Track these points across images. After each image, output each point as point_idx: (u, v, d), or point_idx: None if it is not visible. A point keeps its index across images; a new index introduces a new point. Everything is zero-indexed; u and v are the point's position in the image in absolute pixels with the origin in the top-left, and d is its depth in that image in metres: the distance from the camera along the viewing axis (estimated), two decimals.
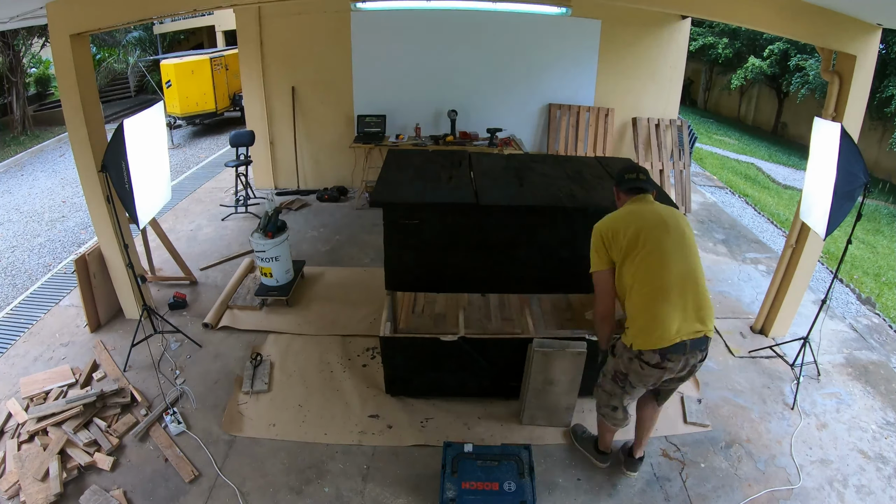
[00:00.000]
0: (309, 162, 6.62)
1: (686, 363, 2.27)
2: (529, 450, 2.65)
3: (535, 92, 6.34)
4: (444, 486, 2.46)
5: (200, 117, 10.32)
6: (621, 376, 2.41)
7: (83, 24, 3.20)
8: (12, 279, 5.15)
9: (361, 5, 4.23)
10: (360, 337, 3.85)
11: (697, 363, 2.31)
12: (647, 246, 2.23)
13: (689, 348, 2.21)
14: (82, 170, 3.50)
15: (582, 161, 3.83)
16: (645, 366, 2.27)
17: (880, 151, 11.40)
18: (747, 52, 14.28)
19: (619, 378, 2.43)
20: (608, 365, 2.50)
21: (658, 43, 6.18)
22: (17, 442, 2.87)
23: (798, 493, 2.74)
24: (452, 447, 2.64)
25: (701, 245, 5.49)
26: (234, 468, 2.81)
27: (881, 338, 4.13)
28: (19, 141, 9.96)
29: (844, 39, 3.14)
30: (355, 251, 5.18)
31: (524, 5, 4.80)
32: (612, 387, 2.49)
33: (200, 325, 3.95)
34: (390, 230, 3.00)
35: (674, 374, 2.32)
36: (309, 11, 5.88)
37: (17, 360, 3.60)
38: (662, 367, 2.25)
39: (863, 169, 2.86)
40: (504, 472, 2.51)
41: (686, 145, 6.36)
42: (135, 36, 12.73)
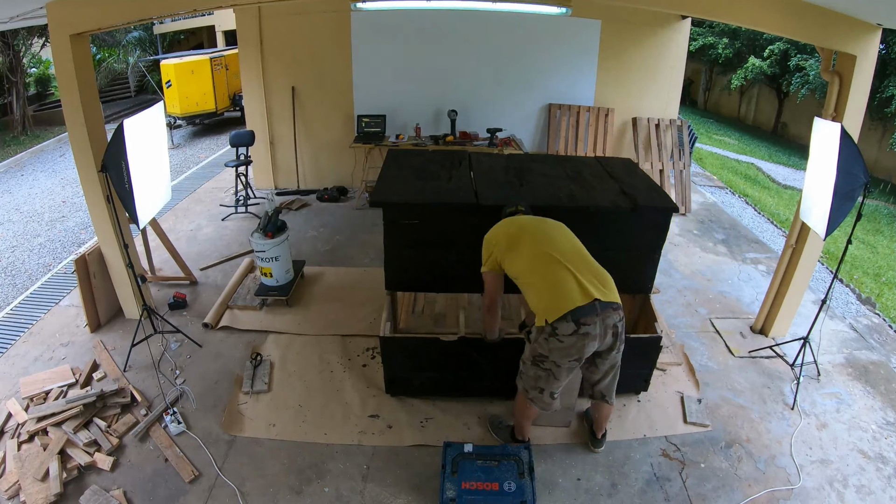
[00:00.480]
0: (309, 162, 6.62)
1: (604, 324, 2.30)
2: (529, 449, 2.65)
3: (535, 92, 6.34)
4: (444, 485, 2.47)
5: (200, 117, 10.32)
6: (541, 358, 2.44)
7: (83, 24, 3.20)
8: (12, 279, 5.16)
9: (361, 5, 4.22)
10: (360, 337, 3.85)
11: (618, 322, 2.35)
12: (532, 234, 2.52)
13: (599, 308, 2.27)
14: (82, 170, 3.50)
15: (582, 161, 3.83)
16: (564, 337, 2.30)
17: (880, 151, 11.40)
18: (747, 52, 14.28)
19: (539, 360, 2.45)
20: (526, 352, 2.57)
21: (658, 43, 6.18)
22: (17, 442, 2.87)
23: (798, 493, 2.74)
24: (453, 447, 2.64)
25: (701, 245, 5.50)
26: (234, 468, 2.81)
27: (881, 338, 4.13)
28: (19, 141, 9.96)
29: (844, 39, 3.14)
30: (355, 251, 5.18)
31: (524, 5, 4.80)
32: (535, 370, 2.50)
33: (200, 325, 3.95)
34: (390, 230, 3.00)
35: (598, 342, 2.34)
36: (309, 11, 5.88)
37: (17, 360, 3.60)
38: (580, 332, 2.27)
39: (863, 169, 2.86)
40: (504, 472, 2.51)
41: (686, 145, 6.36)
42: (135, 36, 12.73)
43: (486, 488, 2.44)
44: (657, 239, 3.04)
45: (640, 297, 3.40)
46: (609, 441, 3.01)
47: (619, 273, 3.11)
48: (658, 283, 3.36)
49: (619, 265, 3.09)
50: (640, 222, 2.98)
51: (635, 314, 3.50)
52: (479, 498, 2.42)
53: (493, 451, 2.65)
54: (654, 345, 3.13)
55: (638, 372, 3.24)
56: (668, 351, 3.64)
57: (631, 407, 3.26)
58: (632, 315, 3.54)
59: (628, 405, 3.27)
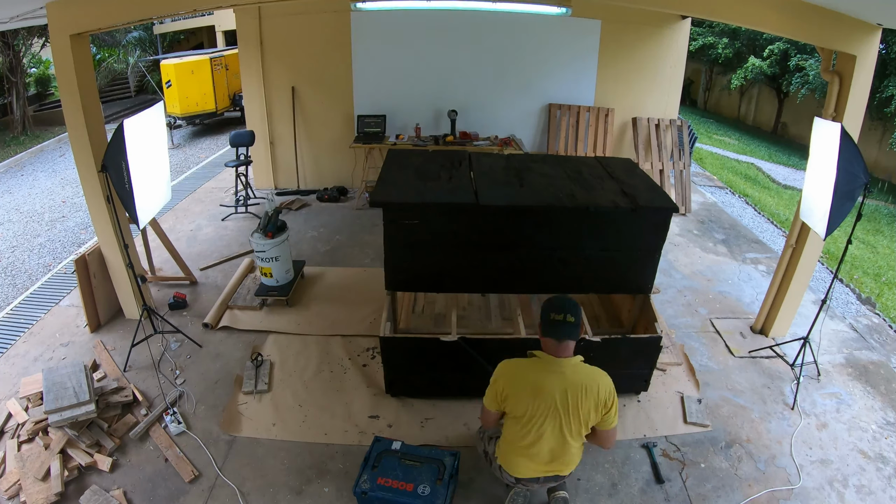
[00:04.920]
0: (309, 162, 6.62)
1: (542, 487, 2.51)
2: (457, 456, 2.64)
3: (535, 92, 6.34)
4: (360, 477, 2.50)
5: (200, 117, 10.32)
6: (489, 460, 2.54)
7: (83, 24, 3.20)
8: (12, 279, 5.16)
9: (361, 5, 4.23)
10: (360, 337, 3.85)
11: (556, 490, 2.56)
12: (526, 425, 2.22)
13: (542, 481, 2.41)
14: (82, 170, 3.50)
15: (582, 161, 3.83)
16: (502, 473, 2.44)
17: (880, 151, 11.41)
18: (747, 52, 14.29)
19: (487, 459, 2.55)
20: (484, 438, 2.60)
21: (658, 43, 6.19)
22: (18, 442, 2.87)
23: (798, 493, 2.74)
24: (381, 442, 2.68)
25: (701, 245, 5.50)
26: (234, 468, 2.81)
27: (881, 338, 4.13)
28: (19, 141, 9.96)
29: (844, 39, 3.14)
30: (355, 251, 5.18)
31: (524, 5, 4.80)
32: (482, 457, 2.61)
33: (200, 325, 3.95)
34: (390, 230, 3.00)
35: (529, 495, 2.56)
36: (309, 11, 5.88)
37: (17, 360, 3.60)
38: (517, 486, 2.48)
39: (863, 169, 2.86)
40: (423, 474, 2.51)
41: (686, 145, 6.36)
42: (135, 36, 12.73)
43: (399, 487, 2.44)
44: (657, 239, 3.04)
45: (640, 297, 3.40)
46: None
47: (619, 273, 3.14)
48: (658, 283, 3.35)
49: (619, 265, 3.11)
50: (640, 222, 2.98)
51: (635, 314, 3.50)
52: (390, 496, 2.42)
53: (420, 452, 2.65)
54: (654, 345, 3.13)
55: (638, 372, 3.24)
56: (668, 351, 3.64)
57: (631, 407, 3.26)
58: (632, 315, 3.54)
59: (628, 405, 3.27)
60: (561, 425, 2.21)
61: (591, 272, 3.12)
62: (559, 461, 2.32)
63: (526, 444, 2.27)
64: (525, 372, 2.23)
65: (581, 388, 2.17)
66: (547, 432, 2.23)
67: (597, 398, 2.18)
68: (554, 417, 2.19)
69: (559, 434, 2.23)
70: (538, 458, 2.30)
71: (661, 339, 3.13)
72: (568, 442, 2.26)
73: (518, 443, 2.29)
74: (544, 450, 2.27)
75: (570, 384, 2.17)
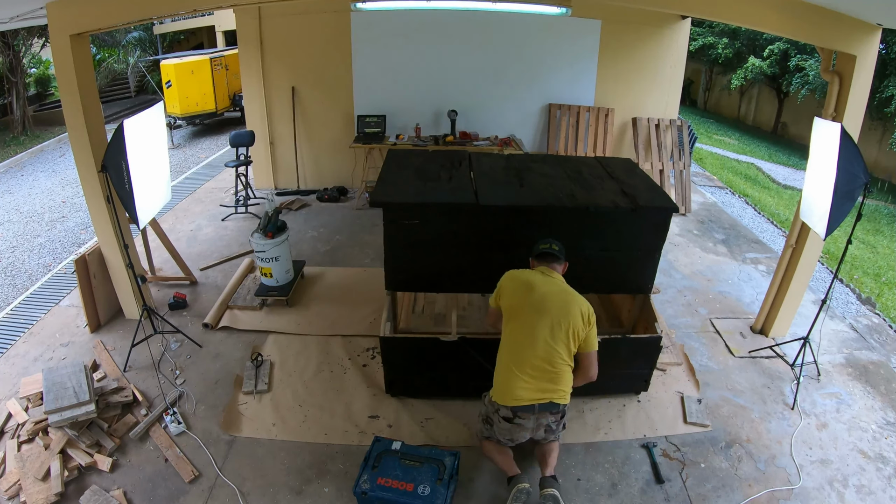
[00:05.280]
0: (309, 162, 6.62)
1: (537, 422, 2.55)
2: (457, 456, 2.65)
3: (535, 92, 6.34)
4: (360, 477, 2.51)
5: (200, 117, 10.32)
6: (489, 420, 2.66)
7: (83, 24, 3.20)
8: (12, 279, 5.16)
9: (361, 5, 4.23)
10: (360, 337, 3.85)
11: (551, 423, 2.58)
12: (520, 321, 2.51)
13: (537, 410, 2.49)
14: (82, 170, 3.50)
15: (582, 161, 3.83)
16: (501, 420, 2.54)
17: (880, 151, 11.41)
18: (747, 52, 14.29)
19: (487, 421, 2.67)
20: (481, 409, 2.74)
21: (658, 43, 6.19)
22: (18, 442, 2.87)
23: (798, 494, 2.74)
24: (381, 442, 2.69)
25: (701, 245, 5.49)
26: (234, 468, 2.81)
27: (881, 338, 4.13)
28: (19, 141, 9.96)
29: (844, 39, 3.14)
30: (355, 251, 5.18)
31: (524, 5, 4.81)
32: (483, 426, 2.72)
33: (200, 326, 3.95)
34: (390, 230, 3.00)
35: (529, 433, 2.59)
36: (309, 11, 5.88)
37: (17, 360, 3.60)
38: (514, 422, 2.52)
39: (863, 169, 2.86)
40: (423, 474, 2.52)
41: (686, 145, 6.36)
42: (135, 36, 12.74)
43: (399, 487, 2.45)
44: (657, 239, 3.04)
45: (640, 297, 3.40)
46: (609, 441, 3.01)
47: (619, 273, 3.14)
48: (658, 283, 3.36)
49: (619, 265, 3.11)
50: (640, 222, 2.98)
51: (635, 314, 3.50)
52: (391, 496, 2.43)
53: (420, 452, 2.65)
54: (654, 345, 3.13)
55: (638, 372, 3.24)
56: (668, 351, 3.64)
57: (631, 407, 3.26)
58: (632, 315, 3.54)
59: (628, 405, 3.27)
60: (552, 325, 2.45)
61: (591, 272, 3.12)
62: (548, 369, 2.44)
63: (518, 348, 2.47)
64: (524, 274, 2.64)
65: (569, 294, 2.55)
66: (538, 331, 2.44)
67: (581, 309, 2.50)
68: (545, 314, 2.46)
69: (550, 338, 2.44)
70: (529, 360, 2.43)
71: (661, 339, 3.13)
72: (557, 349, 2.44)
73: (513, 347, 2.49)
74: (537, 355, 2.43)
75: (560, 289, 2.56)
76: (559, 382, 2.48)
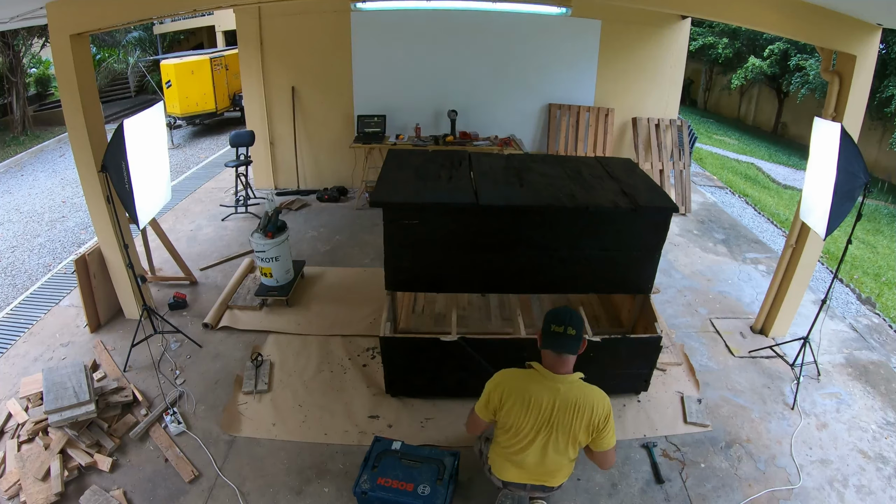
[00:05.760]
0: (309, 162, 6.62)
1: (528, 495, 2.47)
2: (457, 456, 2.64)
3: (535, 92, 6.34)
4: (360, 477, 2.50)
5: (200, 117, 10.33)
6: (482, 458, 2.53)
7: (83, 24, 3.20)
8: (12, 279, 5.15)
9: (361, 5, 4.23)
10: (360, 337, 3.85)
11: (542, 497, 2.52)
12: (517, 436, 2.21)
13: (529, 489, 2.40)
14: (82, 170, 3.50)
15: (582, 161, 3.83)
16: (491, 475, 2.44)
17: (880, 151, 11.41)
18: (747, 52, 14.29)
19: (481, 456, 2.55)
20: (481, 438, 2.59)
21: (658, 43, 6.18)
22: (18, 442, 2.87)
23: (798, 493, 2.74)
24: (381, 442, 2.68)
25: (701, 245, 5.50)
26: (234, 468, 2.82)
27: (881, 338, 4.13)
28: (19, 141, 9.96)
29: (844, 39, 3.14)
30: (355, 251, 5.18)
31: (524, 5, 4.81)
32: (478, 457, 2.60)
33: (200, 325, 3.95)
34: (390, 230, 3.00)
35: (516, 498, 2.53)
36: (309, 11, 5.88)
37: (17, 360, 3.60)
38: (503, 490, 2.48)
39: (863, 169, 2.86)
40: (423, 474, 2.51)
41: (686, 145, 6.36)
42: (135, 36, 12.74)
43: (399, 487, 2.44)
44: (657, 239, 3.04)
45: (640, 297, 3.40)
46: None
47: (619, 273, 3.14)
48: (658, 283, 3.35)
49: (619, 265, 3.11)
50: (640, 222, 2.98)
51: (635, 314, 3.50)
52: (391, 496, 2.42)
53: (420, 452, 2.65)
54: (654, 345, 3.13)
55: (638, 372, 3.24)
56: (668, 351, 3.64)
57: (631, 407, 3.26)
58: (632, 315, 3.54)
59: (628, 405, 3.27)
60: (549, 441, 2.19)
61: (591, 272, 3.12)
62: (546, 472, 2.32)
63: (514, 452, 2.28)
64: (521, 384, 2.17)
65: (574, 407, 2.11)
66: (535, 445, 2.21)
67: (589, 420, 2.12)
68: (544, 433, 2.17)
69: (548, 448, 2.22)
70: (525, 466, 2.31)
71: (661, 339, 3.13)
72: (556, 457, 2.25)
73: (507, 450, 2.30)
74: (532, 461, 2.27)
75: (562, 401, 2.12)
76: (556, 475, 2.34)
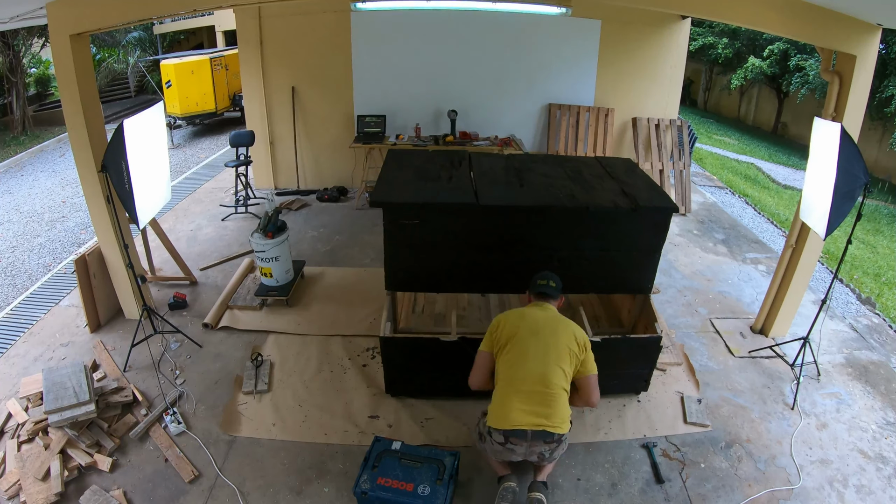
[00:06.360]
0: (309, 162, 6.62)
1: (529, 449, 2.46)
2: (456, 456, 2.65)
3: (535, 92, 6.34)
4: (360, 477, 2.51)
5: (200, 117, 10.32)
6: (482, 437, 2.59)
7: (83, 25, 3.20)
8: (12, 279, 5.15)
9: (361, 5, 4.24)
10: (360, 337, 3.85)
11: (544, 451, 2.48)
12: (515, 347, 2.50)
13: (530, 437, 2.42)
14: (82, 170, 3.50)
15: (582, 161, 3.83)
16: (493, 442, 2.50)
17: (880, 151, 11.41)
18: (747, 52, 14.29)
19: (482, 438, 2.61)
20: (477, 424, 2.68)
21: (658, 43, 6.18)
22: (18, 442, 2.87)
23: (798, 493, 2.74)
24: (381, 442, 2.69)
25: (701, 245, 5.49)
26: (234, 468, 2.81)
27: (881, 338, 4.13)
28: (19, 141, 9.96)
29: (844, 39, 3.14)
30: (355, 251, 5.18)
31: (524, 5, 4.81)
32: (478, 441, 2.65)
33: (200, 326, 3.95)
34: (390, 230, 3.00)
35: (519, 457, 2.51)
36: (309, 11, 5.88)
37: (17, 360, 3.60)
38: (506, 446, 2.47)
39: (863, 169, 2.86)
40: (423, 474, 2.52)
41: (686, 145, 6.37)
42: (135, 36, 12.73)
43: (399, 487, 2.45)
44: (657, 239, 3.05)
45: (640, 297, 3.40)
46: (609, 441, 3.01)
47: (619, 273, 3.14)
48: (658, 283, 3.35)
49: (619, 265, 3.11)
50: (641, 222, 2.98)
51: (635, 314, 3.50)
52: (391, 496, 2.43)
53: (420, 452, 2.65)
54: (654, 345, 3.13)
55: (638, 372, 3.24)
56: (668, 351, 3.64)
57: (631, 407, 3.26)
58: (632, 315, 3.54)
59: (628, 405, 3.27)
60: (546, 346, 2.46)
61: (591, 272, 3.12)
62: (545, 394, 2.41)
63: (514, 370, 2.45)
64: (516, 312, 2.64)
65: (560, 322, 2.58)
66: (532, 348, 2.46)
67: (574, 335, 2.52)
68: (539, 336, 2.49)
69: (544, 357, 2.44)
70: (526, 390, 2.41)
71: (661, 339, 3.13)
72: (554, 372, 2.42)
73: (508, 371, 2.48)
74: (532, 374, 2.42)
75: (551, 317, 2.59)
76: (554, 407, 2.42)
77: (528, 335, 2.50)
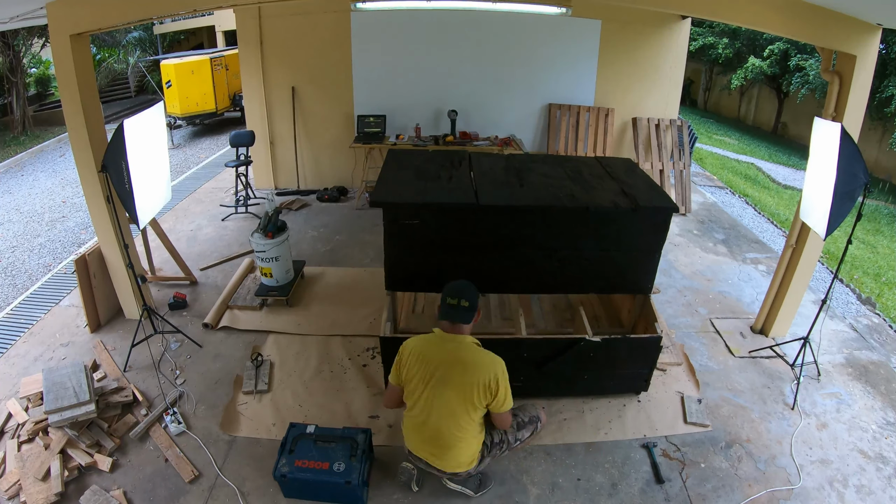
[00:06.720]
0: (309, 162, 6.62)
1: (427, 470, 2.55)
2: (368, 434, 2.77)
3: (535, 92, 6.34)
4: (279, 462, 2.60)
5: (200, 117, 10.32)
6: None
7: (83, 24, 3.20)
8: (12, 279, 5.16)
9: (361, 5, 4.23)
10: (360, 337, 3.85)
11: (447, 478, 2.58)
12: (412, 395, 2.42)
13: (428, 465, 2.51)
14: (82, 170, 3.50)
15: (582, 161, 3.83)
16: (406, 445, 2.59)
17: (880, 151, 11.42)
18: (747, 52, 14.30)
19: None
20: None
21: (658, 43, 6.18)
22: (18, 442, 2.87)
23: (798, 494, 2.74)
24: (296, 427, 2.77)
25: (701, 245, 5.49)
26: (234, 468, 2.82)
27: (881, 338, 4.13)
28: (19, 141, 9.96)
29: (844, 39, 3.14)
30: (355, 251, 5.18)
31: (524, 5, 4.80)
32: None
33: (200, 326, 3.95)
34: (390, 230, 3.00)
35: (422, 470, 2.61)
36: (309, 11, 5.88)
37: (17, 361, 3.60)
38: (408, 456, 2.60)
39: (863, 169, 2.86)
40: (337, 453, 2.63)
41: (686, 145, 6.36)
42: (135, 36, 12.74)
43: (316, 467, 2.57)
44: (657, 239, 3.04)
45: (640, 297, 3.40)
46: (609, 441, 3.01)
47: (619, 273, 3.14)
48: (658, 283, 3.35)
49: (619, 265, 3.11)
50: (641, 222, 2.98)
51: (635, 314, 3.50)
52: (310, 475, 2.55)
53: (334, 432, 2.75)
54: (654, 345, 3.13)
55: (638, 372, 3.24)
56: (668, 351, 3.64)
57: (631, 407, 3.26)
58: (632, 315, 3.54)
59: (628, 405, 3.27)
60: (437, 396, 2.34)
61: (591, 272, 3.12)
62: (438, 443, 2.42)
63: (412, 412, 2.45)
64: (420, 344, 2.43)
65: (462, 364, 2.32)
66: (424, 400, 2.37)
67: (479, 378, 2.29)
68: (433, 386, 2.34)
69: (440, 409, 2.35)
70: (420, 431, 2.44)
71: (661, 339, 3.13)
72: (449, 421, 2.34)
73: (408, 412, 2.49)
74: (425, 420, 2.40)
75: (451, 357, 2.33)
76: (450, 452, 2.41)
77: (421, 382, 2.35)
